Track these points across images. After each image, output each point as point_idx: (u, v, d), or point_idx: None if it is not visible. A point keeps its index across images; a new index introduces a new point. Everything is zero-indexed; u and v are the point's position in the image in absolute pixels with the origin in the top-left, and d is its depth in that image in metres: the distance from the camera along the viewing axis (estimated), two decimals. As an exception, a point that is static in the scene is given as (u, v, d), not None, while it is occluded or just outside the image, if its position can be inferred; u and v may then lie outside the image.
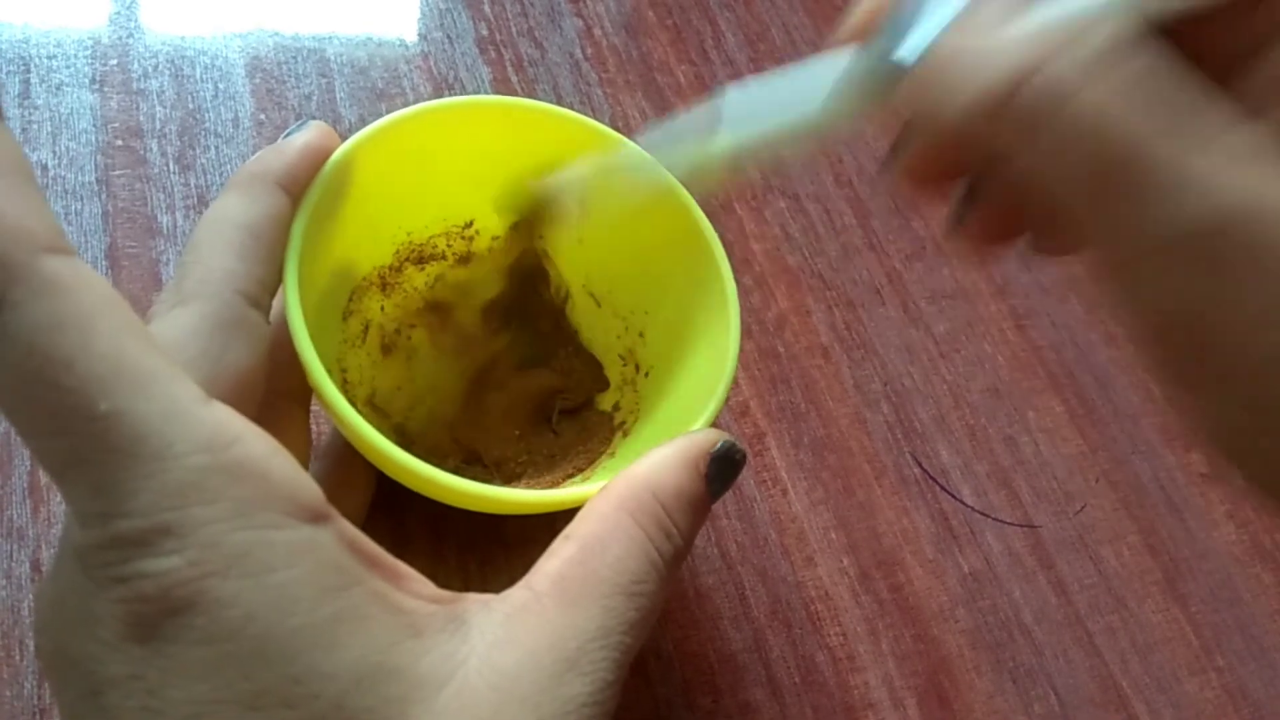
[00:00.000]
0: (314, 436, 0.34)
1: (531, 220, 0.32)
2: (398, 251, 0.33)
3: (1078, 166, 0.19)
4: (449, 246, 0.34)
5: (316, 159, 0.27)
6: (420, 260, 0.34)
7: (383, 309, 0.33)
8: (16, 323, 0.16)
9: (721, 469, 0.25)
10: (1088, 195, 0.19)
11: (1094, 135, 0.18)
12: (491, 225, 0.34)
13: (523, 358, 0.35)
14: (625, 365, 0.34)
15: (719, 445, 0.25)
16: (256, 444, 0.18)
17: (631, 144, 0.30)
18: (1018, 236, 0.24)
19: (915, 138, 0.23)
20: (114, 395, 0.17)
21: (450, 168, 0.32)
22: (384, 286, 0.33)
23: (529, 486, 0.32)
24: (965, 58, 0.20)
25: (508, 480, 0.33)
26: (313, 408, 0.31)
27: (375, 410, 0.33)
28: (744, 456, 0.26)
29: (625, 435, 0.32)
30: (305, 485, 0.19)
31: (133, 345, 0.17)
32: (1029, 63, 0.19)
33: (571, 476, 0.32)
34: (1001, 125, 0.19)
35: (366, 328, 0.33)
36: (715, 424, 0.28)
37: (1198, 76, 0.19)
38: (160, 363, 0.18)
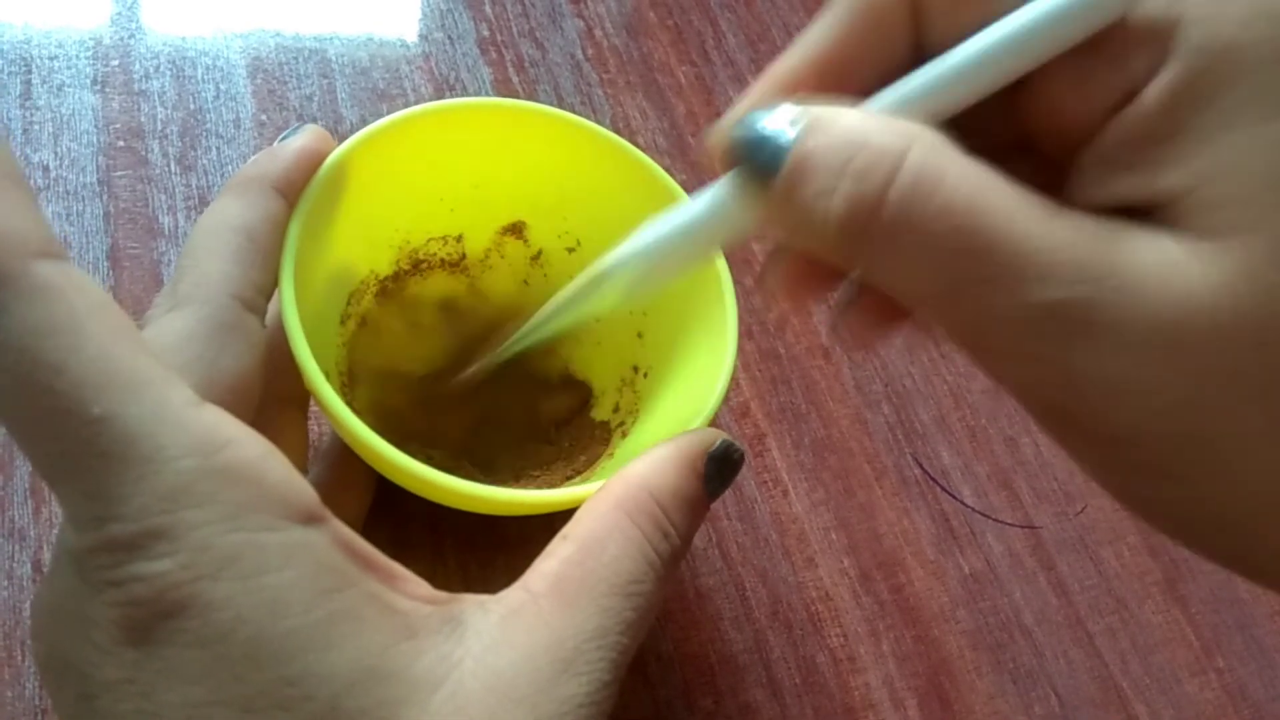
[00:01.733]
0: (314, 439, 0.34)
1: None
2: (396, 257, 0.33)
3: (934, 272, 0.18)
4: (447, 249, 0.34)
5: (312, 163, 0.27)
6: (418, 264, 0.34)
7: (372, 318, 0.33)
8: (8, 327, 0.17)
9: (719, 468, 0.25)
10: (945, 297, 0.18)
11: (943, 244, 0.18)
12: (489, 230, 0.34)
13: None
14: (624, 366, 0.34)
15: (717, 444, 0.25)
16: (249, 446, 0.19)
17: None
18: (904, 320, 0.24)
19: (785, 248, 0.23)
20: (106, 399, 0.17)
21: (448, 170, 0.32)
22: (382, 291, 0.33)
23: (527, 487, 0.32)
24: (814, 179, 0.19)
25: (506, 481, 0.33)
26: (312, 409, 0.32)
27: (378, 416, 0.33)
28: (742, 456, 0.26)
29: (624, 436, 0.32)
30: (299, 487, 0.19)
31: (124, 349, 0.18)
32: (878, 177, 0.18)
33: (570, 478, 0.32)
34: (859, 244, 0.18)
35: (364, 321, 0.33)
36: (715, 425, 0.28)
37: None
38: (152, 366, 0.18)
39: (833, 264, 0.22)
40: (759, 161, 0.20)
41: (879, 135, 0.18)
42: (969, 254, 0.18)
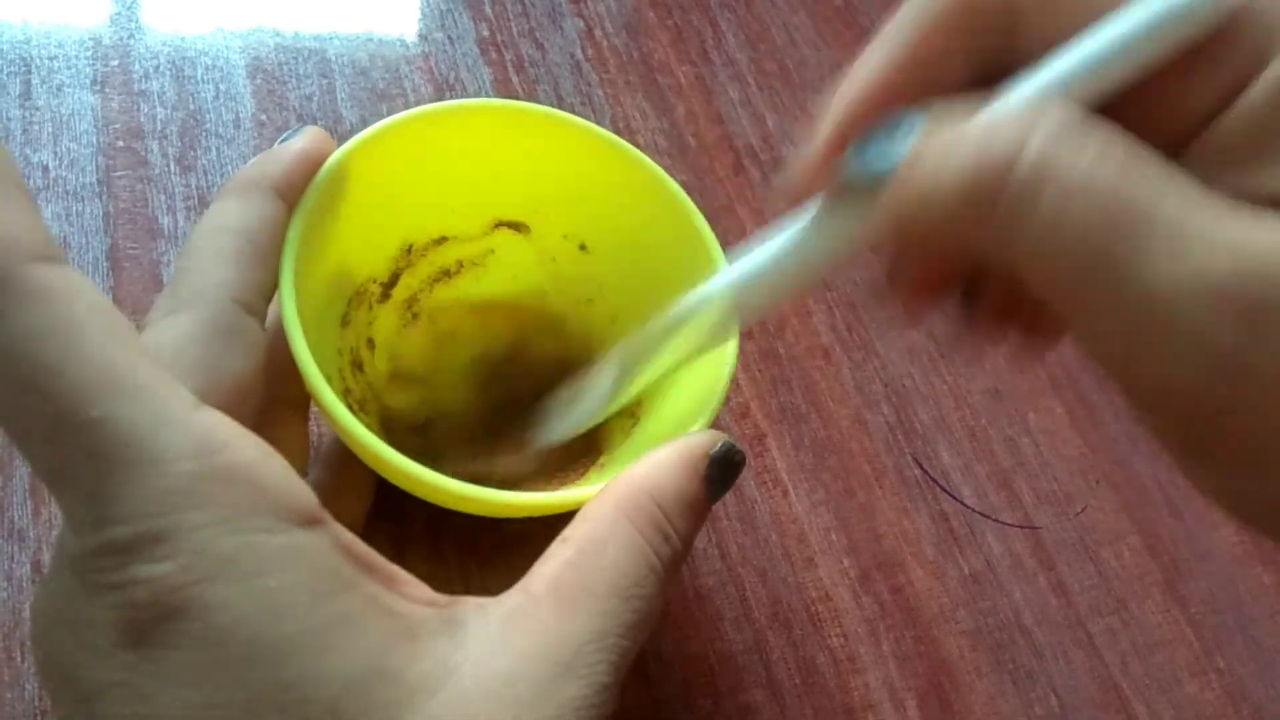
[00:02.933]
0: (313, 440, 0.34)
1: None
2: (397, 258, 0.33)
3: (1076, 239, 0.17)
4: (448, 250, 0.34)
5: (312, 164, 0.27)
6: (419, 265, 0.34)
7: (373, 322, 0.33)
8: (6, 330, 0.17)
9: (720, 470, 0.25)
10: (1087, 269, 0.17)
11: (1090, 202, 0.17)
12: (491, 231, 0.34)
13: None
14: None
15: (718, 446, 0.25)
16: (247, 449, 0.19)
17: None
18: (1017, 327, 0.24)
19: (902, 259, 0.22)
20: (104, 402, 0.17)
21: (449, 171, 0.32)
22: (383, 295, 0.33)
23: (528, 489, 0.32)
24: (940, 152, 0.19)
25: (506, 483, 0.33)
26: (311, 411, 0.31)
27: (378, 418, 0.33)
28: (743, 458, 0.26)
29: (624, 437, 0.32)
30: (297, 489, 0.19)
31: (123, 352, 0.18)
32: (1008, 141, 0.18)
33: (570, 480, 0.32)
34: (991, 212, 0.18)
35: (370, 335, 0.33)
36: (715, 425, 0.28)
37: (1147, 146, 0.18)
38: (150, 369, 0.18)
39: (953, 264, 0.22)
40: (874, 162, 0.19)
41: (1003, 108, 0.18)
42: (1118, 222, 0.16)
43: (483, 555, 0.34)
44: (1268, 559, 0.40)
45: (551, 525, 0.24)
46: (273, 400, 0.26)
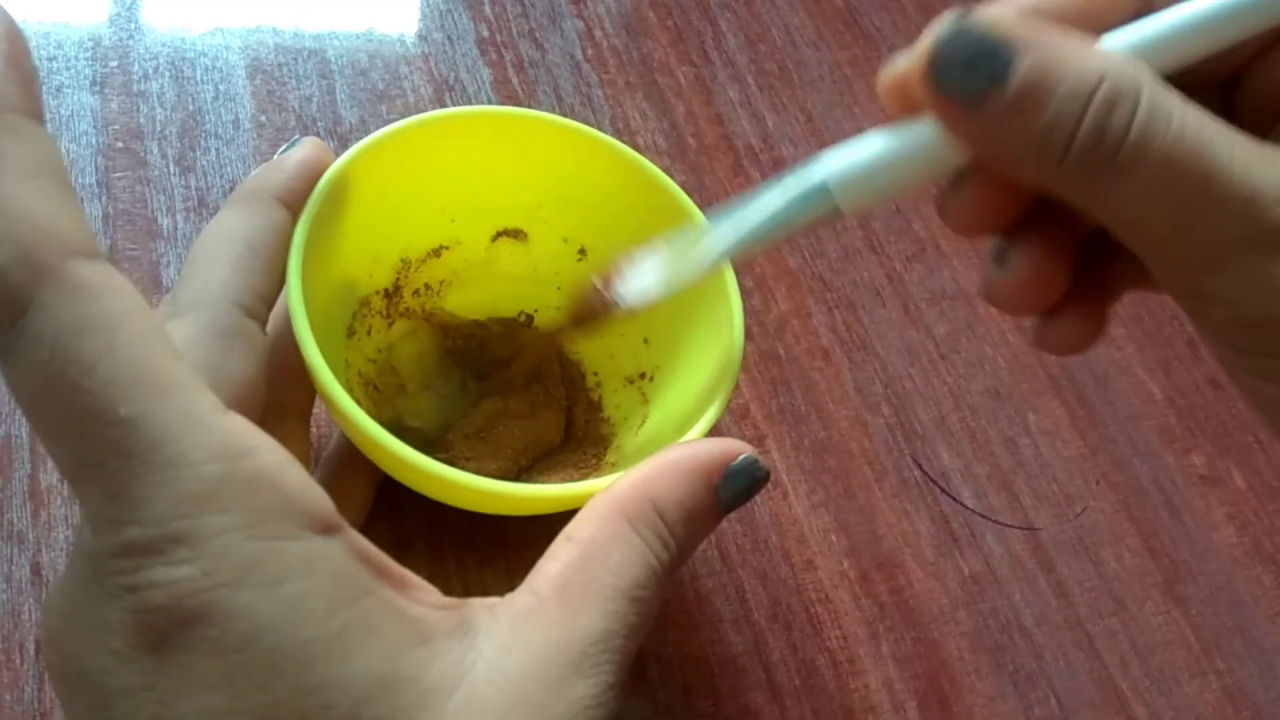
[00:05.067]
0: (313, 444, 0.34)
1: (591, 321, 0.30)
2: (399, 267, 0.33)
3: (1172, 190, 0.19)
4: (448, 258, 0.34)
5: (313, 174, 0.27)
6: (420, 273, 0.34)
7: (373, 331, 0.33)
8: (42, 324, 0.17)
9: (736, 483, 0.24)
10: (1179, 215, 0.19)
11: (1190, 158, 0.19)
12: (490, 238, 0.34)
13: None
14: (630, 370, 0.34)
15: (740, 460, 0.25)
16: (270, 455, 0.19)
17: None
18: (1057, 291, 0.24)
19: (970, 181, 0.22)
20: (134, 401, 0.17)
21: (448, 179, 0.32)
22: (387, 308, 0.33)
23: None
24: (1063, 79, 0.19)
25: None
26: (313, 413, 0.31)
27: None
28: (766, 474, 0.25)
29: (632, 436, 0.32)
30: (317, 496, 0.19)
31: (155, 352, 0.18)
32: (1135, 81, 0.19)
33: (572, 479, 0.32)
34: (1115, 158, 0.19)
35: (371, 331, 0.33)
36: (716, 427, 0.28)
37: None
38: (181, 371, 0.18)
39: (1024, 194, 0.22)
40: (976, 74, 0.19)
41: (1119, 66, 0.19)
42: (1201, 183, 0.19)
43: (481, 556, 0.34)
44: (1267, 560, 0.40)
45: (550, 527, 0.25)
46: (274, 407, 0.26)
